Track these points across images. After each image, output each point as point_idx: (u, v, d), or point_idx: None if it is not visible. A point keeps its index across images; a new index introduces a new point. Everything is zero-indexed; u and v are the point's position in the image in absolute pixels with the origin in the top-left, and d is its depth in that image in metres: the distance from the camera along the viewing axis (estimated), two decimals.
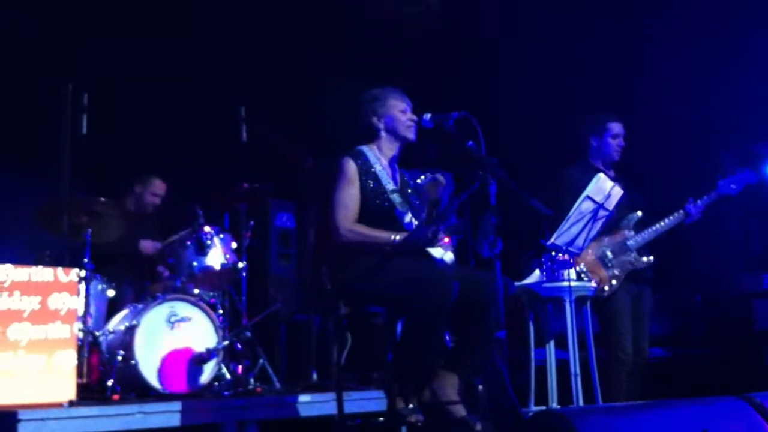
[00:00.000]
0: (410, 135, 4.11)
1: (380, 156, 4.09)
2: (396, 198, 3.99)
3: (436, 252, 3.90)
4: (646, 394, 4.96)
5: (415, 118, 4.08)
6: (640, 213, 5.17)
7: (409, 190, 4.16)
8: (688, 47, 6.57)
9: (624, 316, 5.01)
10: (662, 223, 5.10)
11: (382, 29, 6.91)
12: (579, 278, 4.98)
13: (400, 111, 4.07)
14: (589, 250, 4.99)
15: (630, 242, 5.09)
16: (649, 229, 5.11)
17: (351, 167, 3.97)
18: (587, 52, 6.80)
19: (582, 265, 5.00)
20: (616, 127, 5.22)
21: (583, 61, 6.86)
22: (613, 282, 4.99)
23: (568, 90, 6.87)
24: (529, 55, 6.87)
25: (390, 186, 4.02)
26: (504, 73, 7.02)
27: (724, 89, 6.53)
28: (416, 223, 3.94)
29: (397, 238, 3.83)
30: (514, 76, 6.96)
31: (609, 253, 5.05)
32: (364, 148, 4.09)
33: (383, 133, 4.10)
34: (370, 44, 6.87)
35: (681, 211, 5.10)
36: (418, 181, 4.10)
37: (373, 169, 4.02)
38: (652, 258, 5.12)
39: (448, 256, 3.90)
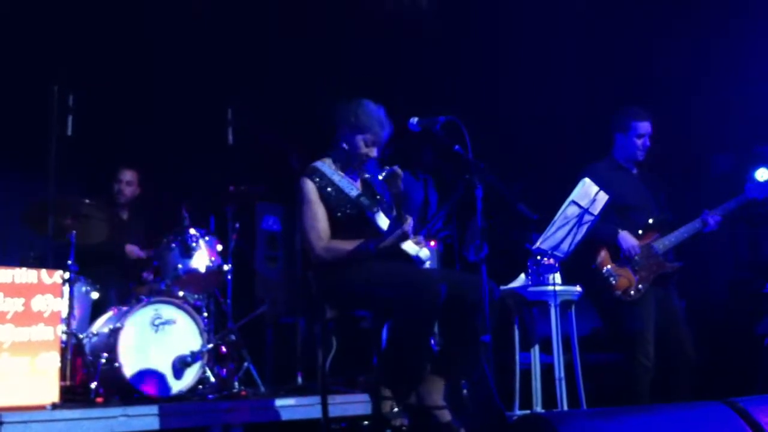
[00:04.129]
0: (362, 164, 4.08)
1: (337, 168, 4.05)
2: (364, 201, 3.96)
3: (411, 249, 3.89)
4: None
5: (372, 155, 4.01)
6: (659, 215, 5.05)
7: (377, 177, 4.10)
8: (682, 50, 6.58)
9: (650, 321, 4.86)
10: (684, 228, 4.99)
11: (375, 30, 6.91)
12: (606, 280, 4.88)
13: (363, 141, 3.98)
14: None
15: (656, 245, 4.96)
16: (675, 233, 4.99)
17: (309, 186, 3.95)
18: (580, 53, 6.81)
19: (609, 267, 4.91)
20: (643, 127, 5.05)
21: (577, 62, 6.87)
22: (640, 286, 4.86)
23: (561, 91, 6.88)
24: (520, 57, 6.87)
25: (354, 192, 3.99)
26: (499, 73, 7.01)
27: (717, 93, 6.55)
28: (388, 221, 3.92)
29: (371, 243, 3.82)
30: (506, 76, 6.96)
31: (636, 257, 4.91)
32: (319, 164, 4.04)
33: (342, 152, 4.06)
34: (363, 44, 6.87)
35: (698, 220, 4.98)
36: (380, 177, 4.05)
37: (332, 180, 3.99)
38: (679, 263, 4.98)
39: (424, 253, 3.88)
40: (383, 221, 3.91)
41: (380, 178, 3.98)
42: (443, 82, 7.12)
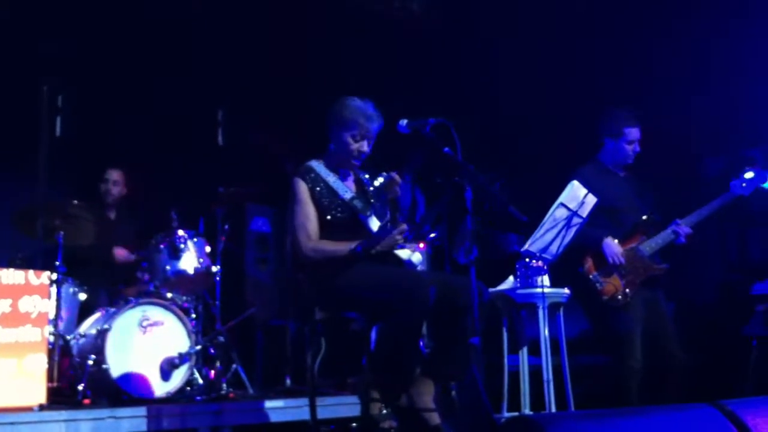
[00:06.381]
0: (353, 162, 4.06)
1: (330, 169, 4.05)
2: (357, 204, 3.97)
3: (404, 253, 3.89)
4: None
5: (363, 149, 3.99)
6: (648, 216, 5.00)
7: (372, 188, 4.09)
8: (677, 52, 6.59)
9: (638, 324, 4.83)
10: (665, 233, 4.95)
11: (370, 31, 6.90)
12: (592, 285, 4.86)
13: (351, 137, 3.98)
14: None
15: (642, 248, 4.94)
16: (661, 235, 4.95)
17: (301, 187, 3.95)
18: (575, 55, 6.82)
19: (595, 273, 4.88)
20: (633, 133, 5.03)
21: (572, 63, 6.87)
22: (627, 290, 4.84)
23: (556, 92, 6.88)
24: (516, 57, 6.87)
25: (347, 195, 3.99)
26: (497, 74, 7.02)
27: (709, 96, 6.57)
28: (380, 224, 3.92)
29: (360, 245, 3.81)
30: (503, 76, 6.96)
31: (621, 264, 4.86)
32: (314, 163, 4.05)
33: (334, 152, 4.07)
34: (358, 45, 6.86)
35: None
36: (376, 183, 4.04)
37: (325, 182, 3.99)
38: (666, 265, 4.96)
39: (416, 257, 3.90)
40: (376, 225, 3.91)
41: (377, 183, 3.98)
42: (440, 82, 7.12)
